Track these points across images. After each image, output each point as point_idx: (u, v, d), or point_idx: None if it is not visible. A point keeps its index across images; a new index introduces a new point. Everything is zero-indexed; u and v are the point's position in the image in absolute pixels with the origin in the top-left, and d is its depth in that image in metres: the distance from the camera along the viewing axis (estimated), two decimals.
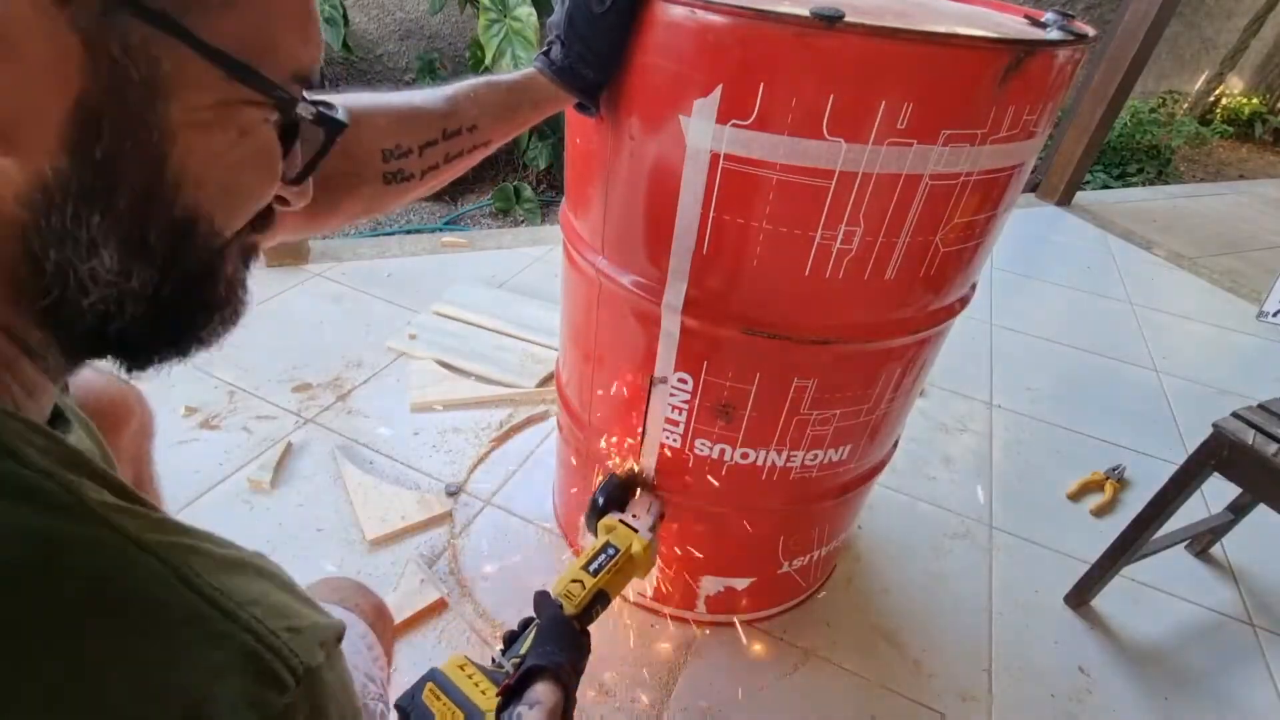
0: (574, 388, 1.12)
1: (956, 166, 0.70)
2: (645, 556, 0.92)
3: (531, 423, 1.61)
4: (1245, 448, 1.08)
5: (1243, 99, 5.73)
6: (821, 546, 1.17)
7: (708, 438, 0.95)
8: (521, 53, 2.41)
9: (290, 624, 0.29)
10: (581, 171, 0.91)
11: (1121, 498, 1.62)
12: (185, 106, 0.28)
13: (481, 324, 1.88)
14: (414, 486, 1.40)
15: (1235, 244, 3.25)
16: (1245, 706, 1.22)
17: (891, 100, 0.65)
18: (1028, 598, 1.35)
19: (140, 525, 0.26)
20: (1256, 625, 1.37)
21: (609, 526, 0.95)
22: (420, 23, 2.96)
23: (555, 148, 2.86)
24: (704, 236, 0.78)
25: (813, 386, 0.88)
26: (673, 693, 1.11)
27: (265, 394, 1.57)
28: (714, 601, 1.18)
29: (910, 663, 1.21)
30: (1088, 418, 1.88)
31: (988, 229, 0.82)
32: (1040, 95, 0.70)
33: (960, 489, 1.59)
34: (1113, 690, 1.21)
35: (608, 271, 0.90)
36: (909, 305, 0.84)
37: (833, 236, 0.74)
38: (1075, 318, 2.42)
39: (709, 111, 0.69)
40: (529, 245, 2.39)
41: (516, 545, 1.33)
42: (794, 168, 0.70)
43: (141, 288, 0.30)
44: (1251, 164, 5.13)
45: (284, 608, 0.30)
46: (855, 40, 0.63)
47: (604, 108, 0.79)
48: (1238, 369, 2.25)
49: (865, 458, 1.04)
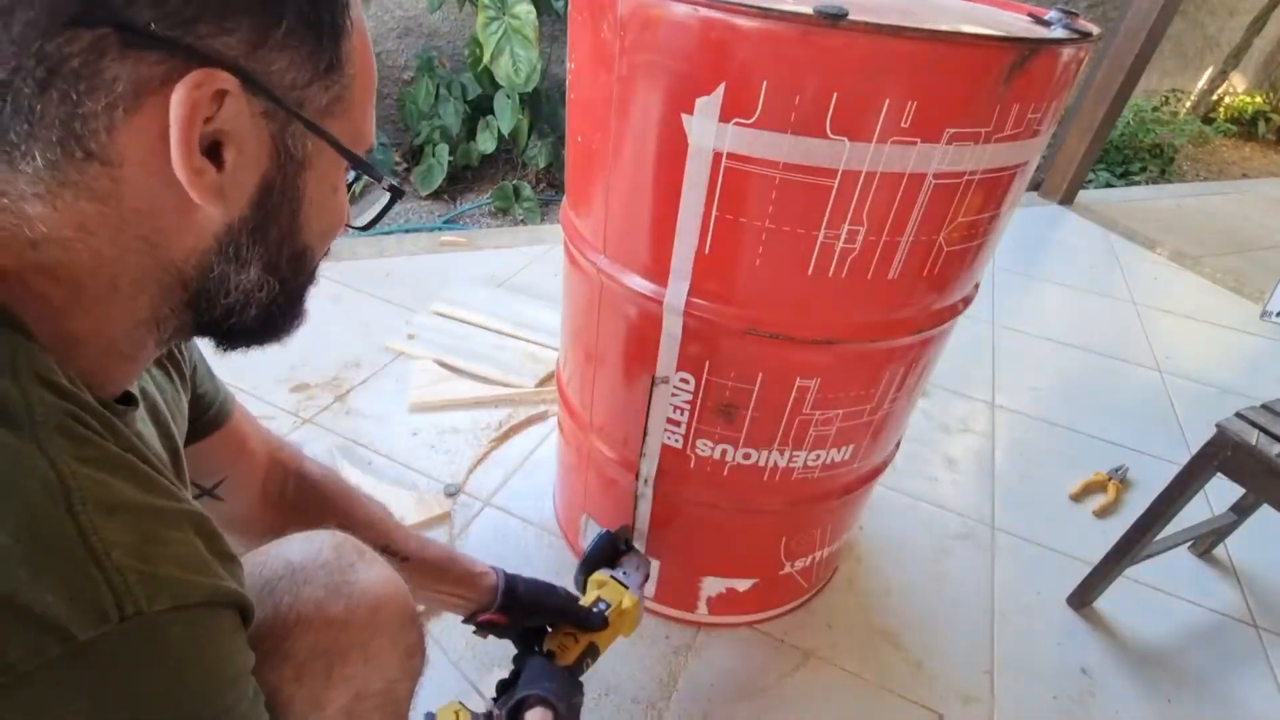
0: (575, 387, 1.12)
1: (960, 165, 0.70)
2: (635, 612, 0.96)
3: (531, 423, 1.60)
4: (1248, 448, 1.07)
5: (1246, 97, 5.71)
6: (823, 547, 1.17)
7: (709, 438, 0.94)
8: (520, 50, 2.40)
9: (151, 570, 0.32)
10: (583, 170, 0.90)
11: (1124, 498, 1.62)
12: (315, 176, 0.41)
13: (481, 323, 1.87)
14: (413, 487, 1.40)
15: (1238, 243, 3.24)
16: (1248, 708, 1.21)
17: (895, 99, 0.64)
18: (1030, 599, 1.35)
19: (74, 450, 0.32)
20: (1260, 627, 1.36)
21: (600, 582, 0.98)
22: (419, 20, 2.95)
23: (555, 146, 2.86)
24: (706, 236, 0.77)
25: (815, 386, 0.87)
26: (674, 694, 1.11)
27: (263, 394, 1.56)
28: (715, 602, 1.18)
29: (912, 664, 1.21)
30: (1090, 418, 1.87)
31: (991, 228, 0.81)
32: (1044, 94, 0.70)
33: (962, 490, 1.59)
34: (1115, 692, 1.21)
35: (609, 271, 0.89)
36: (912, 305, 0.84)
37: (836, 236, 0.73)
38: (1078, 317, 2.41)
39: (712, 110, 0.68)
40: (528, 244, 2.38)
41: (516, 546, 1.32)
42: (797, 166, 0.69)
43: (265, 297, 0.42)
44: (1255, 163, 5.12)
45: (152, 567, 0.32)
46: (859, 38, 0.62)
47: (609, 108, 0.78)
48: (1241, 369, 2.24)
49: (867, 458, 1.04)
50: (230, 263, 0.39)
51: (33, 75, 0.30)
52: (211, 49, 0.32)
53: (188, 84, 0.32)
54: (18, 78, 0.30)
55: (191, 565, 0.35)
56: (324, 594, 0.55)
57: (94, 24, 0.29)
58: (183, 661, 0.34)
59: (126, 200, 0.34)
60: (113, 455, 0.34)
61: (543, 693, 0.77)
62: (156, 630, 0.32)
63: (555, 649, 0.86)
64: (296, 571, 0.55)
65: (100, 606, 0.30)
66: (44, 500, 0.30)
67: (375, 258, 2.16)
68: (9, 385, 0.31)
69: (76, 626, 0.29)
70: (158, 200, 0.35)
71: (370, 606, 0.57)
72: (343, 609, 0.55)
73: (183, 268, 0.38)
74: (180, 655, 0.34)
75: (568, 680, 0.82)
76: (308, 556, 0.57)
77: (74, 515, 0.30)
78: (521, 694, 0.77)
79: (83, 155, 0.32)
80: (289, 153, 0.38)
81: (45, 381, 0.33)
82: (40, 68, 0.30)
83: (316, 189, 0.41)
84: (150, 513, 0.34)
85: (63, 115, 0.31)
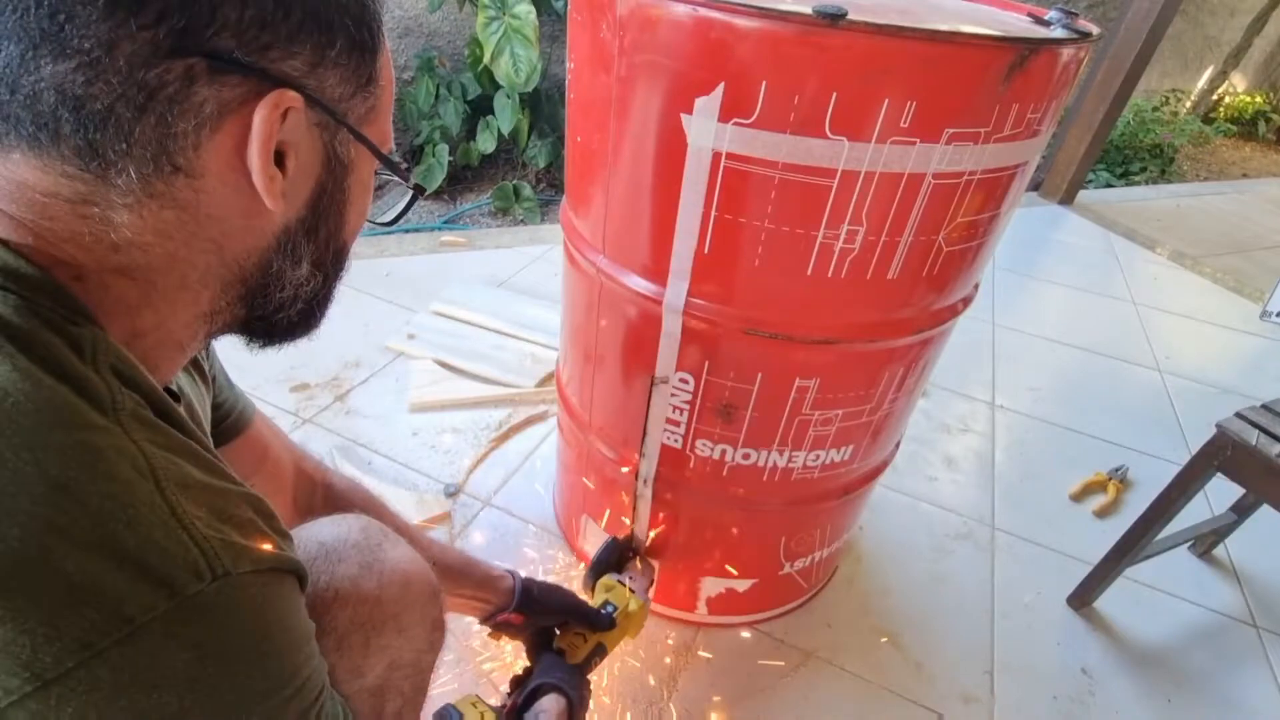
0: (574, 387, 1.12)
1: (960, 165, 0.70)
2: (640, 615, 1.00)
3: (531, 423, 1.60)
4: (1248, 448, 1.07)
5: (1246, 97, 5.71)
6: (823, 547, 1.16)
7: (709, 438, 0.94)
8: (520, 50, 2.40)
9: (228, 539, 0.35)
10: (582, 170, 0.90)
11: (1124, 498, 1.62)
12: (356, 178, 0.45)
13: (481, 323, 1.87)
14: (412, 487, 1.40)
15: (1238, 243, 3.24)
16: (1248, 708, 1.21)
17: (894, 99, 0.64)
18: (1030, 599, 1.35)
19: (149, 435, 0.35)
20: (1260, 627, 1.36)
21: (608, 586, 1.02)
22: (419, 20, 2.95)
23: (555, 146, 2.85)
24: (705, 235, 0.77)
25: (815, 387, 0.87)
26: (674, 694, 1.11)
27: (263, 394, 1.56)
28: (715, 603, 1.17)
29: (912, 664, 1.21)
30: (1090, 418, 1.87)
31: (991, 228, 0.81)
32: (1044, 94, 0.70)
33: (962, 490, 1.59)
34: (1115, 692, 1.21)
35: (609, 271, 0.89)
36: (912, 305, 0.84)
37: (835, 236, 0.73)
38: (1078, 317, 2.41)
39: (711, 110, 0.68)
40: (528, 244, 2.38)
41: (516, 546, 1.32)
42: (796, 166, 0.69)
43: (311, 290, 0.47)
44: (1255, 163, 5.12)
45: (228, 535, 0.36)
46: (858, 38, 0.62)
47: (607, 107, 0.78)
48: (1241, 369, 2.24)
49: (867, 458, 1.04)
50: (287, 259, 0.43)
51: (134, 101, 0.33)
52: (281, 71, 0.36)
53: (267, 104, 0.36)
54: (120, 104, 0.33)
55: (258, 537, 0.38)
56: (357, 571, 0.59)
57: (186, 54, 0.33)
58: (266, 618, 0.37)
59: (203, 207, 0.38)
60: (178, 441, 0.37)
61: (556, 681, 0.82)
62: (243, 589, 0.35)
63: (565, 647, 0.90)
64: (330, 552, 0.58)
65: (196, 567, 0.33)
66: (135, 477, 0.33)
67: (375, 258, 2.16)
68: (94, 375, 0.34)
69: (180, 584, 0.32)
70: (229, 206, 0.39)
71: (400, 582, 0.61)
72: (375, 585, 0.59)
73: (244, 265, 0.42)
74: (264, 612, 0.37)
75: (578, 675, 0.87)
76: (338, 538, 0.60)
77: (161, 490, 0.34)
78: (536, 682, 0.82)
79: (171, 170, 0.36)
80: (338, 158, 0.42)
81: (119, 373, 0.36)
82: (140, 94, 0.33)
83: (356, 190, 0.46)
84: (217, 492, 0.37)
85: (157, 135, 0.34)
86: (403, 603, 0.61)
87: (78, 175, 0.34)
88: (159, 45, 0.32)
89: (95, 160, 0.34)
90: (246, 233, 0.41)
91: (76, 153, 0.34)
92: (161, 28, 0.32)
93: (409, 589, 0.62)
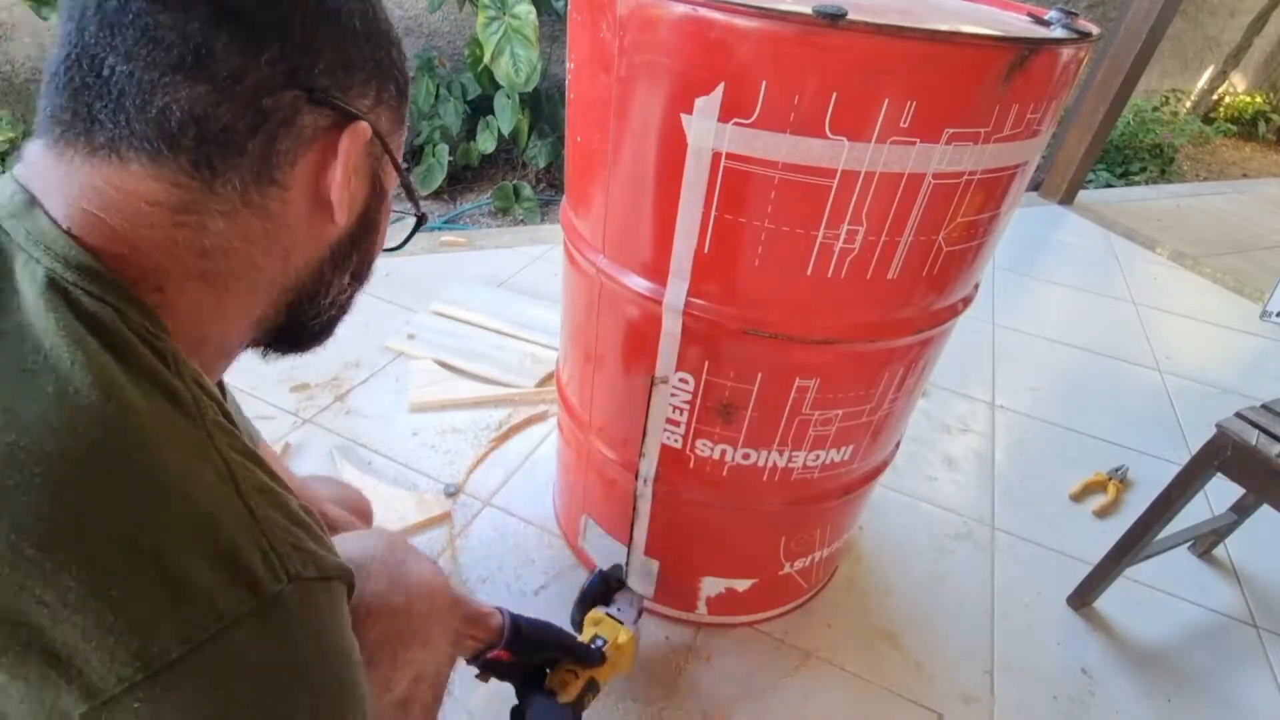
0: (574, 388, 1.12)
1: (960, 165, 0.70)
2: (631, 647, 0.99)
3: (531, 423, 1.60)
4: (1248, 448, 1.07)
5: (1246, 97, 5.71)
6: (823, 547, 1.16)
7: (709, 438, 0.94)
8: (520, 50, 2.39)
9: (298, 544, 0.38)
10: (582, 170, 0.90)
11: (1124, 498, 1.62)
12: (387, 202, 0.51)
13: (480, 323, 1.87)
14: (412, 487, 1.40)
15: (1238, 243, 3.24)
16: (1248, 708, 1.21)
17: (894, 99, 0.64)
18: (1030, 599, 1.35)
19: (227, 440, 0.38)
20: (1260, 627, 1.36)
21: (596, 619, 1.01)
22: (419, 20, 2.95)
23: (555, 146, 2.85)
24: (705, 235, 0.77)
25: (815, 387, 0.87)
26: (673, 694, 1.11)
27: (263, 394, 1.56)
28: (715, 603, 1.17)
29: (912, 664, 1.21)
30: (1090, 418, 1.87)
31: (991, 228, 0.81)
32: (1044, 94, 0.70)
33: (962, 490, 1.59)
34: (1115, 692, 1.21)
35: (608, 271, 0.89)
36: (912, 305, 0.84)
37: (835, 236, 0.73)
38: (1078, 317, 2.41)
39: (711, 110, 0.68)
40: (528, 244, 2.38)
41: (516, 546, 1.32)
42: (796, 166, 0.69)
43: (347, 298, 0.52)
44: (1255, 163, 5.11)
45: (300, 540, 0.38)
46: (858, 38, 0.62)
47: (607, 108, 0.78)
48: (1241, 369, 2.24)
49: (867, 458, 1.04)
50: (336, 269, 0.49)
51: (250, 122, 0.39)
52: (357, 107, 0.43)
53: (352, 132, 0.43)
54: (240, 122, 0.39)
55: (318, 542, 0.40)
56: (385, 586, 0.61)
57: (296, 87, 0.40)
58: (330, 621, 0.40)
59: (285, 217, 0.43)
60: (245, 447, 0.39)
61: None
62: (311, 593, 0.38)
63: (556, 687, 0.87)
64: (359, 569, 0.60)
65: (274, 569, 0.36)
66: (219, 481, 0.36)
67: None
68: (180, 384, 0.37)
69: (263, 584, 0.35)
70: (303, 217, 0.44)
71: (426, 597, 0.64)
72: (403, 600, 0.62)
73: (301, 273, 0.47)
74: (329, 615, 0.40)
75: (571, 717, 0.85)
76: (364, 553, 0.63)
77: (241, 495, 0.37)
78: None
79: (269, 182, 0.41)
80: (380, 182, 0.49)
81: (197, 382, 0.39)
82: (257, 116, 0.39)
83: (386, 211, 0.52)
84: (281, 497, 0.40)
85: (264, 151, 0.40)
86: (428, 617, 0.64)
87: (186, 184, 0.39)
88: (277, 78, 0.39)
89: (206, 169, 0.39)
90: (310, 243, 0.46)
91: (191, 163, 0.38)
92: (281, 65, 0.39)
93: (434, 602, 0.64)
